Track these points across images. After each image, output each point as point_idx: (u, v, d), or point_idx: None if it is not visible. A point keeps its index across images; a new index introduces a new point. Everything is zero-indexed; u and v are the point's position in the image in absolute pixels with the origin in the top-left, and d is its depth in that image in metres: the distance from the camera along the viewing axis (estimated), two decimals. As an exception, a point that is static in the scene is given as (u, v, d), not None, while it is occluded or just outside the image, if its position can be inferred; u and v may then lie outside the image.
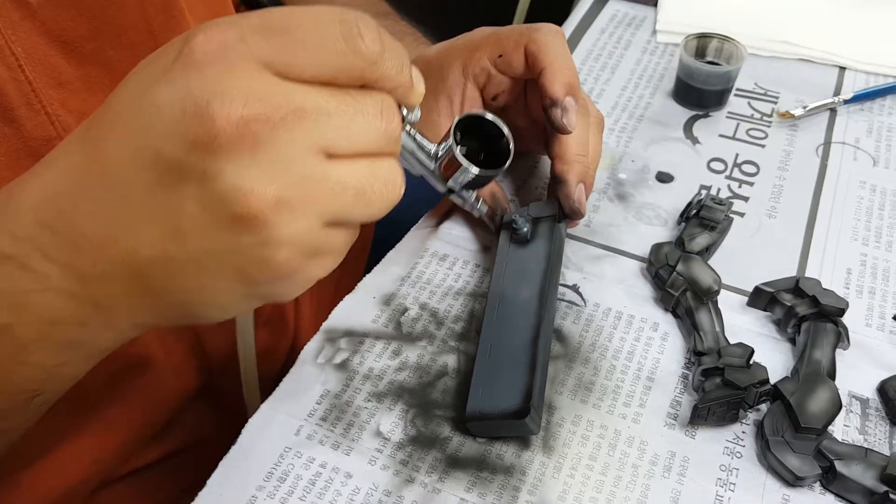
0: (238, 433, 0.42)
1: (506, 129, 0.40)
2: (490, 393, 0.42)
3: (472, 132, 0.40)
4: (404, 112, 0.32)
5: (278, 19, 0.27)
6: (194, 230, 0.27)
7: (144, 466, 0.53)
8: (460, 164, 0.39)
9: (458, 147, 0.39)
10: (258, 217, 0.26)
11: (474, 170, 0.39)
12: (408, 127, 0.36)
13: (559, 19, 0.67)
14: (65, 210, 0.28)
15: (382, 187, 0.29)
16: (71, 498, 0.48)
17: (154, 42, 0.45)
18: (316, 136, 0.27)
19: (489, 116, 0.40)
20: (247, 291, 0.29)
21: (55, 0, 0.39)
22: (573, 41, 0.75)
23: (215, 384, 0.55)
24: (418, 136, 0.38)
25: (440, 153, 0.39)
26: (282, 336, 0.63)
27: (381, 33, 0.28)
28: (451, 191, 0.42)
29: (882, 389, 0.46)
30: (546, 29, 0.49)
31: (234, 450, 0.41)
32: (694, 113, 0.67)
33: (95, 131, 0.29)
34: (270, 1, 0.34)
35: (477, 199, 0.46)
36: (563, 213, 0.50)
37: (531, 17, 1.34)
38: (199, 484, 0.40)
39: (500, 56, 0.50)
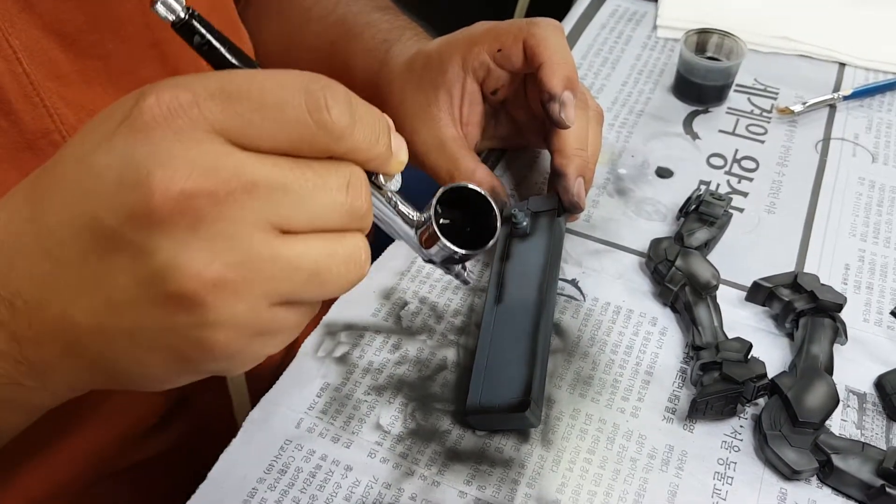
0: (237, 426, 0.42)
1: (494, 204, 0.37)
2: (490, 386, 0.42)
3: (459, 202, 0.37)
4: (382, 181, 0.30)
5: (238, 83, 0.25)
6: (127, 304, 0.26)
7: (144, 460, 0.53)
8: (438, 240, 0.35)
9: (437, 223, 0.34)
10: (194, 297, 0.25)
11: (452, 249, 0.36)
12: (388, 194, 0.33)
13: (559, 14, 0.67)
14: (1, 268, 0.27)
15: (341, 267, 0.27)
16: (68, 491, 0.48)
17: (151, 35, 0.45)
18: (268, 212, 0.25)
19: (476, 189, 0.37)
20: (183, 368, 0.28)
21: None
22: (573, 36, 0.75)
23: (214, 377, 0.55)
24: (399, 204, 0.34)
25: (422, 222, 0.35)
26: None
27: (353, 103, 0.26)
28: (432, 262, 0.39)
29: (879, 384, 0.46)
30: (545, 23, 0.49)
31: (234, 442, 0.42)
32: (694, 108, 0.67)
33: (39, 188, 0.27)
34: (243, 62, 0.32)
35: (463, 268, 0.43)
36: (563, 207, 0.50)
37: (531, 12, 1.34)
38: (200, 477, 0.40)
39: (500, 50, 0.50)
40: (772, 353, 0.47)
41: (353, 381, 0.45)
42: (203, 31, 0.31)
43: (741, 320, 0.49)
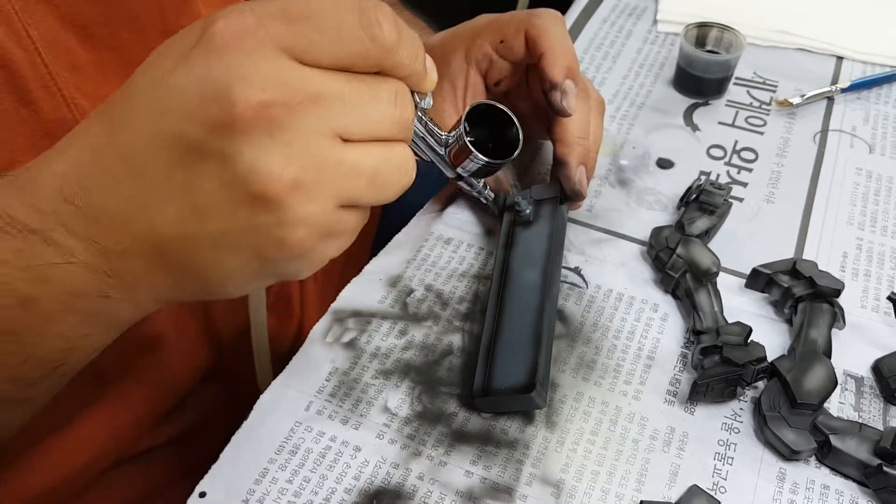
0: (249, 413, 0.43)
1: (515, 119, 0.41)
2: (497, 369, 0.43)
3: (482, 121, 0.41)
4: (416, 99, 0.33)
5: (297, 6, 0.28)
6: (213, 208, 0.28)
7: (157, 446, 0.54)
8: (469, 153, 0.40)
9: (468, 136, 0.40)
10: (275, 198, 0.27)
11: (483, 159, 0.40)
12: (420, 113, 0.37)
13: (561, 8, 0.68)
14: (87, 187, 0.29)
15: (395, 172, 0.30)
16: (84, 475, 0.49)
17: (165, 26, 0.46)
18: (331, 120, 0.28)
19: (500, 105, 0.41)
20: (262, 269, 0.30)
21: None
22: (575, 31, 0.76)
23: (227, 364, 0.56)
24: (430, 123, 0.38)
25: (450, 141, 0.40)
26: (288, 320, 0.64)
27: (398, 22, 0.29)
28: (459, 177, 0.43)
29: (876, 368, 0.47)
30: (546, 14, 0.50)
31: (245, 424, 0.43)
32: (694, 101, 0.68)
33: (114, 113, 0.30)
34: None
35: (484, 185, 0.48)
36: (565, 194, 0.51)
37: (534, 6, 1.35)
38: (212, 461, 0.41)
39: (502, 42, 0.51)
40: (771, 338, 0.48)
41: (360, 365, 0.46)
42: None
43: (741, 307, 0.50)
